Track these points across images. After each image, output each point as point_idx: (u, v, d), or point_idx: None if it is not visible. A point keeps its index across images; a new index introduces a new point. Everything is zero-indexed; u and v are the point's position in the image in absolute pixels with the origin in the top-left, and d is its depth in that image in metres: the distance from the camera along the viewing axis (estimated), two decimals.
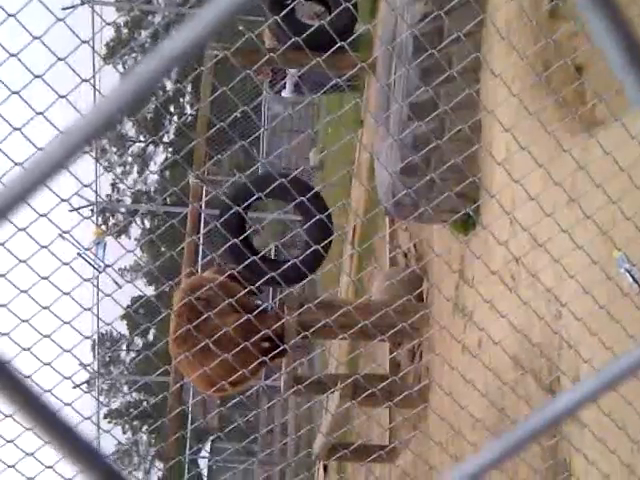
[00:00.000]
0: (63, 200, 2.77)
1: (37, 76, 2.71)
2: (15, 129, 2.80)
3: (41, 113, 2.72)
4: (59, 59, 2.72)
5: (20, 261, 2.95)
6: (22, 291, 2.97)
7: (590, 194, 3.07)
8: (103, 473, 0.47)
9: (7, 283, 2.97)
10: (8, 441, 3.28)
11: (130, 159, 32.58)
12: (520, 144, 3.09)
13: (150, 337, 28.43)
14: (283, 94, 11.43)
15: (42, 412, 0.45)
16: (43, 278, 2.99)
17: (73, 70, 2.67)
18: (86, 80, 2.75)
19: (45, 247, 2.84)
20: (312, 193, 5.42)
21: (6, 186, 0.44)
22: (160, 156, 32.37)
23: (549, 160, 3.20)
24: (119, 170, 31.70)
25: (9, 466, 3.26)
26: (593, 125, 3.30)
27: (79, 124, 0.44)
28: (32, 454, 3.27)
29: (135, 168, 32.48)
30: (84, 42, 2.78)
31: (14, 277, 3.01)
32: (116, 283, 4.04)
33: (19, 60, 2.81)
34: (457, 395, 3.88)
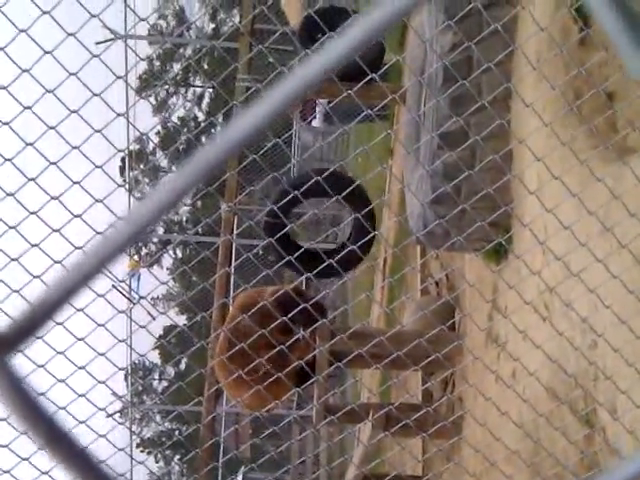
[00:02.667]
0: (98, 233, 2.81)
1: (73, 111, 2.77)
2: (52, 163, 2.85)
3: (77, 147, 2.77)
4: (94, 94, 2.77)
5: None
6: (58, 323, 3.00)
7: (624, 223, 3.04)
8: None
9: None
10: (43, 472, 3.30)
11: None
12: (552, 173, 3.07)
13: (182, 366, 28.50)
14: (314, 124, 11.51)
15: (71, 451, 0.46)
16: (78, 310, 3.03)
17: (108, 105, 2.72)
18: (121, 114, 2.80)
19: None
20: (355, 187, 5.37)
21: (44, 292, 0.45)
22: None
23: (582, 189, 3.18)
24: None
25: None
26: (626, 153, 3.28)
27: (120, 230, 0.45)
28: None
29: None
30: (119, 77, 2.83)
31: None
32: (150, 314, 4.07)
33: (55, 96, 2.87)
34: (491, 426, 3.84)
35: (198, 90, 32.26)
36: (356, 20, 0.45)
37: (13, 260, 3.05)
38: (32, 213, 3.01)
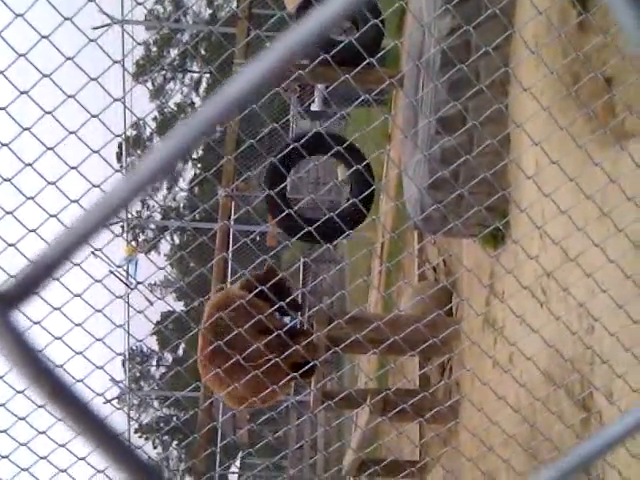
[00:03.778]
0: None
1: (70, 96, 2.76)
2: (48, 148, 2.84)
3: (74, 132, 2.76)
4: (91, 79, 2.76)
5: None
6: (55, 308, 3.00)
7: (621, 207, 3.05)
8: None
9: (40, 300, 3.01)
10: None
11: None
12: (550, 158, 3.07)
13: (180, 352, 28.55)
14: (313, 108, 11.49)
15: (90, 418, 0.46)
16: (76, 295, 3.03)
17: (105, 90, 2.71)
18: (118, 99, 2.79)
19: (77, 265, 2.87)
20: (352, 148, 5.32)
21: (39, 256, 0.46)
22: (189, 172, 32.62)
23: (579, 173, 3.18)
24: (147, 189, 31.95)
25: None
26: (624, 138, 3.27)
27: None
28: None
29: (164, 184, 32.75)
30: (116, 62, 2.82)
31: (46, 294, 3.04)
32: (147, 300, 4.07)
33: (52, 80, 2.86)
34: (488, 411, 3.85)
35: (195, 75, 32.15)
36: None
37: (10, 245, 3.05)
38: (29, 198, 3.01)
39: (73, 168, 2.90)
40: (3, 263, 3.01)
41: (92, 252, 3.04)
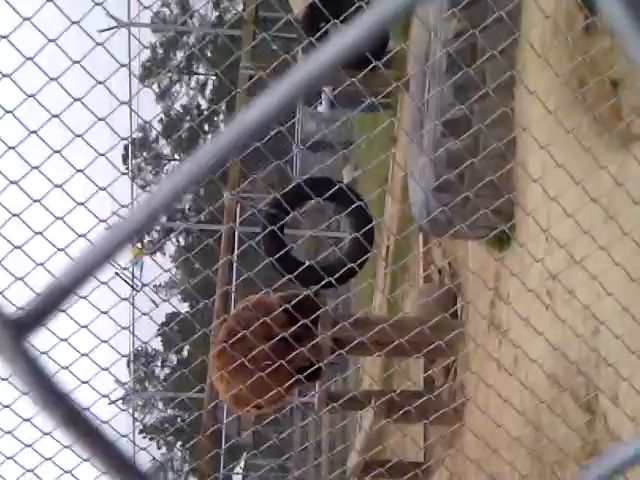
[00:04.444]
0: (101, 221, 2.81)
1: (76, 99, 2.77)
2: (55, 152, 2.86)
3: (80, 136, 2.77)
4: (98, 82, 2.77)
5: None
6: (61, 310, 3.01)
7: (628, 211, 3.05)
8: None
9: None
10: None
11: (165, 177, 32.91)
12: (556, 161, 3.07)
13: (184, 353, 28.58)
14: (319, 109, 11.50)
15: (84, 428, 0.47)
16: (81, 297, 3.03)
17: (112, 93, 2.72)
18: (124, 103, 2.80)
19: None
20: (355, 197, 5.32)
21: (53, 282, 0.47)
22: None
23: (585, 177, 3.18)
24: (154, 188, 32.02)
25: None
26: (630, 141, 3.27)
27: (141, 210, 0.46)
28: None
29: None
30: (123, 66, 2.83)
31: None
32: (153, 302, 4.08)
33: (59, 84, 2.87)
34: (493, 413, 3.85)
35: (201, 78, 32.20)
36: (364, 11, 0.46)
37: (16, 248, 3.06)
38: (35, 201, 3.02)
39: (79, 171, 2.91)
40: (10, 264, 3.03)
41: None
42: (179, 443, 29.90)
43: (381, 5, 0.43)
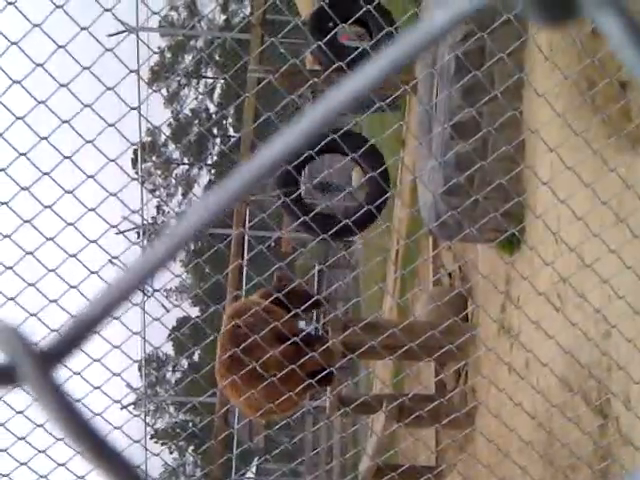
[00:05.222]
0: (112, 226, 2.82)
1: (87, 105, 2.78)
2: (65, 157, 2.87)
3: (90, 141, 2.78)
4: (108, 88, 2.78)
5: (70, 287, 3.01)
6: (72, 316, 3.02)
7: (638, 213, 3.03)
8: None
9: (59, 309, 3.04)
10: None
11: (174, 181, 32.98)
12: (565, 163, 3.07)
13: (196, 358, 28.62)
14: None
15: (90, 435, 0.47)
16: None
17: (121, 98, 2.73)
18: (134, 108, 2.81)
19: (95, 273, 2.89)
20: (369, 146, 5.27)
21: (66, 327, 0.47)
22: (204, 178, 32.73)
23: (595, 179, 3.17)
24: (164, 192, 32.11)
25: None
26: (639, 143, 3.26)
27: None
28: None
29: (180, 190, 32.87)
30: (132, 71, 2.84)
31: (65, 302, 3.07)
32: (164, 307, 4.09)
33: (69, 90, 2.88)
34: (504, 417, 3.84)
35: (210, 81, 32.27)
36: (391, 41, 0.46)
37: (28, 254, 3.08)
38: (46, 207, 3.03)
39: (90, 177, 2.92)
40: (22, 270, 3.04)
41: (110, 260, 3.06)
42: (191, 448, 29.93)
43: (409, 36, 0.43)
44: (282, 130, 0.45)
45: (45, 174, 3.02)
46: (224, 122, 31.07)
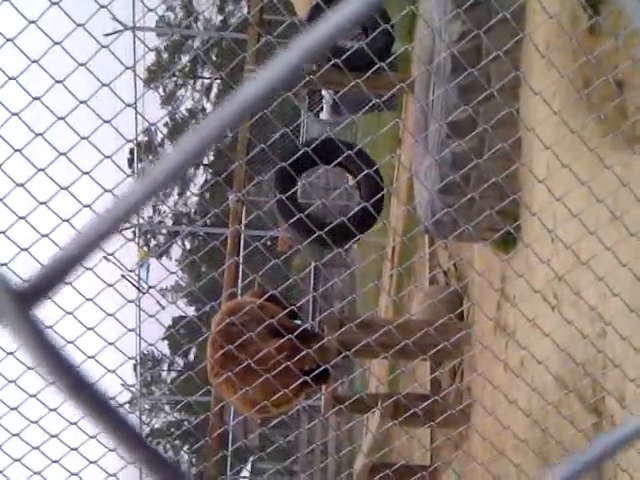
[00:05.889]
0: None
1: (82, 102, 2.77)
2: (61, 154, 2.86)
3: (86, 138, 2.78)
4: (103, 85, 2.78)
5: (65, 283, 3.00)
6: (67, 312, 3.02)
7: (633, 211, 3.04)
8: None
9: (53, 305, 3.03)
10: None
11: None
12: (561, 161, 3.07)
13: (191, 357, 28.61)
14: (321, 116, 11.48)
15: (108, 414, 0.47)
16: (88, 299, 3.04)
17: (117, 95, 2.73)
18: (130, 105, 2.81)
19: (90, 269, 2.89)
20: (359, 152, 5.25)
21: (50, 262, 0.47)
22: (200, 178, 32.71)
23: (591, 177, 3.17)
24: (160, 192, 32.09)
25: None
26: (635, 141, 3.27)
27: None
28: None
29: (175, 190, 32.84)
30: (128, 68, 2.84)
31: (59, 299, 3.06)
32: (159, 304, 4.09)
33: (64, 86, 2.88)
34: (500, 415, 3.85)
35: (206, 81, 32.25)
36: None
37: (23, 250, 3.07)
38: (42, 203, 3.03)
39: (85, 173, 2.91)
40: (17, 266, 3.03)
41: (104, 257, 3.05)
42: (186, 447, 29.91)
43: None
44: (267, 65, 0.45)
45: (40, 170, 3.02)
46: None
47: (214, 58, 27.90)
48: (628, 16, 0.43)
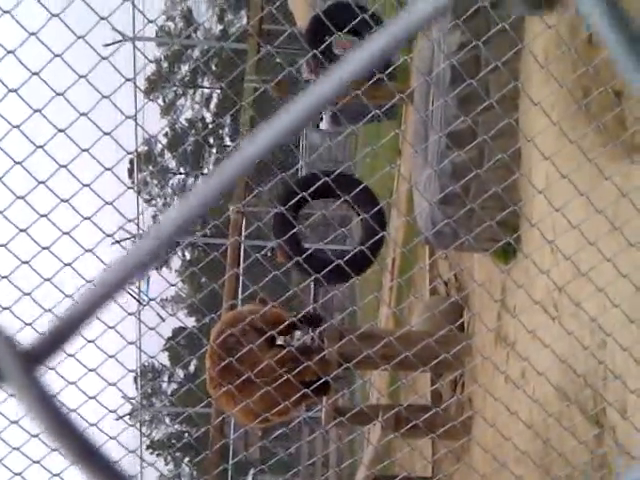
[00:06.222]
0: (108, 235, 2.82)
1: (83, 114, 2.78)
2: (61, 166, 2.86)
3: (86, 150, 2.78)
4: (104, 97, 2.78)
5: (66, 296, 3.00)
6: (57, 317, 3.01)
7: (633, 221, 3.04)
8: None
9: (54, 318, 3.02)
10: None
11: (171, 191, 32.98)
12: (560, 172, 3.07)
13: (191, 368, 28.55)
14: (321, 126, 11.49)
15: (82, 445, 0.47)
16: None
17: (117, 108, 2.73)
18: (130, 117, 2.81)
19: (90, 282, 2.88)
20: (362, 188, 5.23)
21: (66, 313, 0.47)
22: None
23: (590, 188, 3.17)
24: (160, 202, 32.07)
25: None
26: (634, 151, 3.27)
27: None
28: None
29: (176, 200, 32.84)
30: (128, 80, 2.84)
31: (60, 312, 3.05)
32: (159, 316, 4.08)
33: (65, 99, 2.88)
34: (501, 427, 3.83)
35: (206, 91, 32.31)
36: (375, 32, 0.46)
37: (24, 263, 3.07)
38: (42, 216, 3.03)
39: (86, 186, 2.91)
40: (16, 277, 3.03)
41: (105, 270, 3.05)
42: (186, 459, 29.81)
43: (390, 26, 0.43)
44: (263, 125, 0.45)
45: (41, 183, 3.02)
46: (220, 131, 31.08)
47: (214, 68, 27.97)
48: (619, 68, 0.43)
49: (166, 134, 29.92)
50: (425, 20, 0.43)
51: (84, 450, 0.46)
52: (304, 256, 3.87)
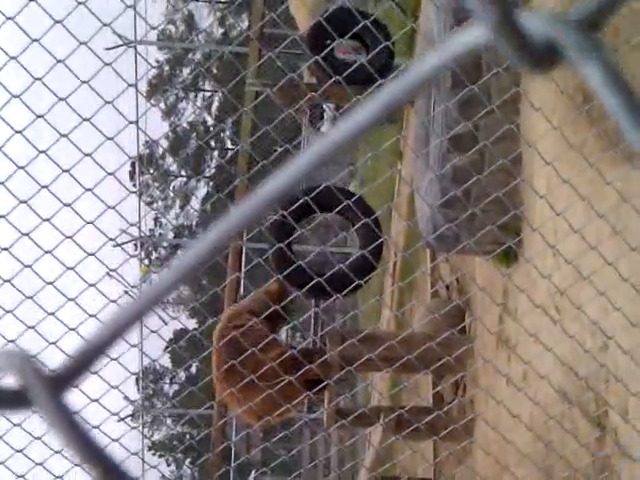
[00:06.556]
0: (110, 239, 2.83)
1: (85, 119, 2.79)
2: (64, 171, 2.88)
3: (89, 155, 2.79)
4: (106, 102, 2.79)
5: (68, 299, 3.01)
6: (71, 329, 3.03)
7: (634, 225, 3.05)
8: None
9: (56, 321, 3.04)
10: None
11: (172, 194, 33.01)
12: (562, 176, 3.08)
13: (193, 370, 28.54)
14: (322, 129, 11.51)
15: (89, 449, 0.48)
16: (91, 316, 3.05)
17: (120, 113, 2.75)
18: (132, 122, 2.82)
19: (93, 285, 2.90)
20: (356, 199, 5.25)
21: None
22: (201, 190, 32.75)
23: (591, 192, 3.18)
24: (162, 205, 32.09)
25: None
26: (635, 156, 3.28)
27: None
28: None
29: (177, 203, 32.88)
30: (130, 85, 2.86)
31: (63, 315, 3.07)
32: (161, 319, 4.10)
33: (68, 104, 2.89)
34: (503, 429, 3.84)
35: (207, 94, 32.34)
36: (387, 82, 0.47)
37: (27, 267, 3.08)
38: (45, 220, 3.04)
39: (88, 190, 2.93)
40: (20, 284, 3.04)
41: (107, 273, 3.07)
42: (188, 460, 29.81)
43: (400, 79, 0.44)
44: (279, 168, 0.47)
45: (43, 187, 3.03)
46: (222, 135, 31.10)
47: (215, 71, 28.00)
48: (622, 129, 0.44)
49: (168, 137, 29.95)
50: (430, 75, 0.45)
51: (110, 471, 0.47)
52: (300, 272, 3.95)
